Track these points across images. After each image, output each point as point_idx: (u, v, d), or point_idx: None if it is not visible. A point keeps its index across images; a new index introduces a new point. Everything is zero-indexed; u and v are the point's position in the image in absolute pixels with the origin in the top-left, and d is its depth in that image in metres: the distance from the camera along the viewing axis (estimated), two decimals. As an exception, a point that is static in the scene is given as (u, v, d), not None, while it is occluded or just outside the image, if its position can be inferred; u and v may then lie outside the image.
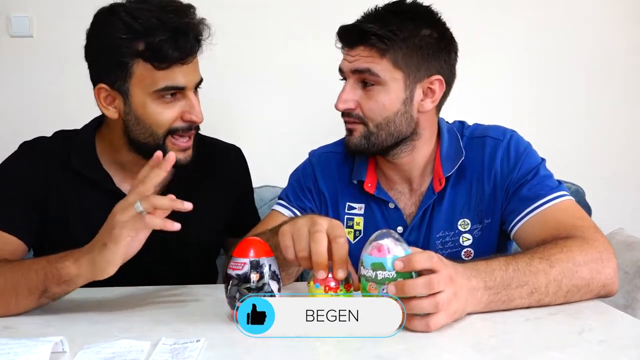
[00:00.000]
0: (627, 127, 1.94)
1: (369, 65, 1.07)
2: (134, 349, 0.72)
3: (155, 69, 1.05)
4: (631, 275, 1.48)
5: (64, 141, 1.18)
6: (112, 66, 1.07)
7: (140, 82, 1.07)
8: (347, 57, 1.10)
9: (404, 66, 1.07)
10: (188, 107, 1.10)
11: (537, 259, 0.89)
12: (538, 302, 0.87)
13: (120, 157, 1.16)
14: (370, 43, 1.06)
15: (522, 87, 1.91)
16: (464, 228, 1.13)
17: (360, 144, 1.11)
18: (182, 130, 1.10)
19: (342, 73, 1.13)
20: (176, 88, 1.08)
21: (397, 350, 0.72)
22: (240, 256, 0.82)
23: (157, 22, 1.04)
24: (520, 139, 1.15)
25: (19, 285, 0.90)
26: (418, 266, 0.77)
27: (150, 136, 1.10)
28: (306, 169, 1.25)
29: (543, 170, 1.10)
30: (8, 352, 0.67)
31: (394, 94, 1.08)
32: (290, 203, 1.20)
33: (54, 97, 1.85)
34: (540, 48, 1.91)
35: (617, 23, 1.92)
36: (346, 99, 1.09)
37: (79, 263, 0.87)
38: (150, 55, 1.04)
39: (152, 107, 1.08)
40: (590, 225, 1.00)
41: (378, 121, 1.09)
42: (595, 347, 0.73)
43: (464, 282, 0.81)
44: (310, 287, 0.82)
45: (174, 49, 1.04)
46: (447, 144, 1.15)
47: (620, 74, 1.93)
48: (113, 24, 1.06)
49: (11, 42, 1.84)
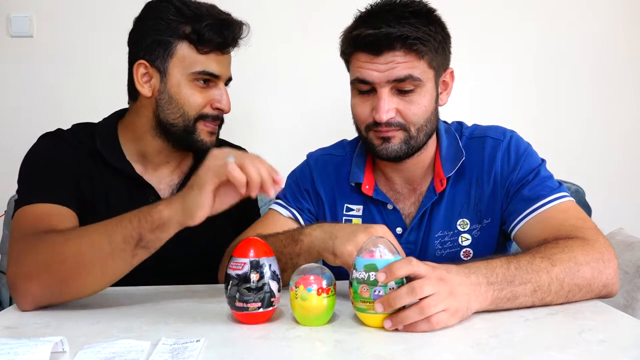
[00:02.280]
0: (627, 127, 1.94)
1: (409, 72, 1.03)
2: (134, 349, 0.72)
3: (197, 52, 1.14)
4: (631, 275, 1.48)
5: (87, 131, 1.22)
6: (156, 45, 1.14)
7: (180, 63, 1.14)
8: (374, 65, 1.03)
9: (435, 65, 1.07)
10: (218, 95, 1.17)
11: (538, 258, 0.89)
12: (541, 300, 0.87)
13: (143, 146, 1.21)
14: (410, 47, 1.02)
15: (522, 87, 1.91)
16: (463, 228, 1.13)
17: (400, 150, 1.08)
18: (211, 117, 1.18)
19: (363, 84, 1.06)
20: (211, 75, 1.16)
21: (397, 350, 0.72)
22: (241, 256, 0.82)
23: (206, 11, 1.14)
24: (520, 140, 1.15)
25: (114, 235, 0.90)
26: (399, 273, 0.78)
27: (180, 117, 1.16)
28: (304, 170, 1.25)
29: (544, 171, 1.10)
30: (8, 352, 0.67)
31: (430, 94, 1.08)
32: (289, 203, 1.21)
33: (54, 97, 1.85)
34: (541, 48, 1.91)
35: (618, 24, 1.92)
36: (388, 109, 1.04)
37: (171, 206, 0.88)
38: (195, 38, 1.13)
39: (186, 89, 1.15)
40: (591, 226, 1.00)
41: (420, 124, 1.08)
42: (595, 347, 0.73)
43: (460, 280, 0.81)
44: (298, 293, 0.80)
45: (218, 35, 1.13)
46: (446, 144, 1.15)
47: (620, 74, 1.93)
48: (164, 7, 1.15)
49: (11, 42, 1.84)
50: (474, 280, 0.83)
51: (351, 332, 0.79)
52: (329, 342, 0.76)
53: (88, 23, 1.85)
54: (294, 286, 0.81)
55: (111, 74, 1.82)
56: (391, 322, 0.78)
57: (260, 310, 0.81)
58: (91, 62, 1.85)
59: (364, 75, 1.05)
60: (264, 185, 0.86)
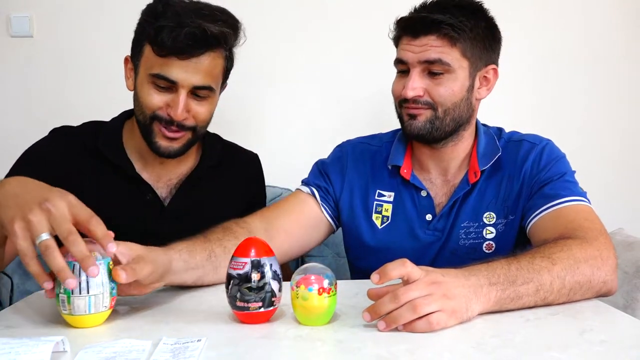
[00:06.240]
0: (627, 127, 1.94)
1: (440, 56, 1.10)
2: (135, 349, 0.72)
3: (155, 55, 1.13)
4: (631, 275, 1.48)
5: (93, 128, 1.26)
6: (135, 43, 1.19)
7: (145, 63, 1.16)
8: (410, 47, 1.12)
9: (470, 55, 1.13)
10: (173, 102, 1.15)
11: (538, 258, 0.89)
12: (544, 300, 0.87)
13: (139, 144, 1.24)
14: (443, 32, 1.09)
15: (522, 87, 1.91)
16: (489, 221, 1.17)
17: (424, 128, 1.14)
18: (164, 121, 1.16)
19: (400, 63, 1.15)
20: (167, 80, 1.13)
21: (398, 350, 0.72)
22: (241, 256, 0.82)
23: (172, 13, 1.11)
24: (555, 148, 1.19)
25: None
26: (392, 274, 0.79)
27: (141, 114, 1.18)
28: (333, 156, 1.30)
29: (570, 177, 1.14)
30: (9, 351, 0.67)
31: (460, 81, 1.13)
32: (309, 182, 1.26)
33: (54, 97, 1.85)
34: (540, 49, 1.91)
35: (618, 24, 1.92)
36: (415, 87, 1.12)
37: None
38: (152, 39, 1.12)
39: (145, 88, 1.16)
40: (596, 228, 1.00)
41: (447, 106, 1.13)
42: (596, 347, 0.73)
43: (458, 282, 0.81)
44: (299, 293, 0.80)
45: (171, 39, 1.09)
46: (484, 142, 1.20)
47: (620, 74, 1.93)
48: (149, 6, 1.17)
49: (11, 42, 1.84)
50: (475, 281, 0.83)
51: (352, 331, 0.79)
52: (330, 342, 0.76)
53: (88, 23, 1.85)
54: (295, 286, 0.81)
55: (111, 74, 1.82)
56: (385, 322, 0.78)
57: (261, 310, 0.81)
58: (91, 62, 1.85)
59: (401, 55, 1.15)
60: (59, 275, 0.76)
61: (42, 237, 0.76)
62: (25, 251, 0.77)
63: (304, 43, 1.87)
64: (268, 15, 1.85)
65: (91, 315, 0.80)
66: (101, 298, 0.80)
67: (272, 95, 1.88)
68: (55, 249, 0.76)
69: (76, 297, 0.79)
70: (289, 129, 1.89)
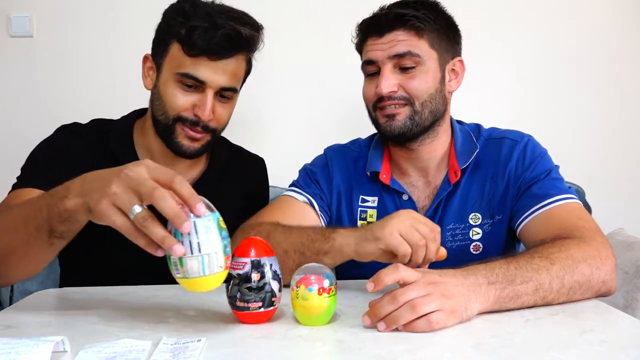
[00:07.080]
0: (627, 127, 1.94)
1: (409, 48, 1.11)
2: (135, 349, 0.72)
3: (185, 54, 1.12)
4: (631, 275, 1.48)
5: (102, 127, 1.25)
6: (158, 41, 1.17)
7: (171, 61, 1.15)
8: (377, 45, 1.12)
9: (437, 47, 1.14)
10: (200, 102, 1.14)
11: (537, 258, 0.90)
12: (543, 299, 0.87)
13: (151, 144, 1.23)
14: (409, 25, 1.10)
15: (522, 87, 1.91)
16: (475, 222, 1.16)
17: (405, 126, 1.13)
18: (190, 122, 1.16)
19: (369, 65, 1.15)
20: (196, 80, 1.13)
21: (398, 350, 0.72)
22: (242, 256, 0.82)
23: (204, 14, 1.11)
24: (537, 144, 1.19)
25: (29, 224, 0.83)
26: (386, 280, 0.79)
27: (163, 114, 1.17)
28: (318, 162, 1.29)
29: (555, 174, 1.14)
30: (9, 351, 0.67)
31: (432, 73, 1.13)
32: (303, 189, 1.23)
33: (54, 97, 1.85)
34: (540, 48, 1.91)
35: (617, 24, 1.92)
36: (389, 83, 1.11)
37: (74, 197, 0.79)
38: (183, 39, 1.11)
39: (171, 88, 1.15)
40: (592, 227, 1.01)
41: (424, 99, 1.13)
42: (596, 347, 0.73)
43: (456, 282, 0.81)
44: (299, 293, 0.80)
45: (204, 40, 1.10)
46: (461, 139, 1.20)
47: (620, 74, 1.93)
48: (175, 7, 1.16)
49: (11, 42, 1.84)
50: (473, 281, 0.83)
51: (352, 332, 0.79)
52: (330, 342, 0.76)
53: (88, 23, 1.85)
54: (295, 286, 0.81)
55: (111, 74, 1.83)
56: (385, 323, 0.78)
57: (261, 310, 0.81)
58: (91, 62, 1.85)
59: (369, 55, 1.14)
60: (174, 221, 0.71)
61: (135, 209, 0.71)
62: (124, 227, 0.72)
63: (304, 43, 1.87)
64: (272, 18, 1.84)
65: (206, 278, 0.73)
66: (215, 257, 0.73)
67: (272, 95, 1.87)
68: (153, 218, 0.71)
69: (188, 258, 0.72)
70: (290, 129, 1.89)
